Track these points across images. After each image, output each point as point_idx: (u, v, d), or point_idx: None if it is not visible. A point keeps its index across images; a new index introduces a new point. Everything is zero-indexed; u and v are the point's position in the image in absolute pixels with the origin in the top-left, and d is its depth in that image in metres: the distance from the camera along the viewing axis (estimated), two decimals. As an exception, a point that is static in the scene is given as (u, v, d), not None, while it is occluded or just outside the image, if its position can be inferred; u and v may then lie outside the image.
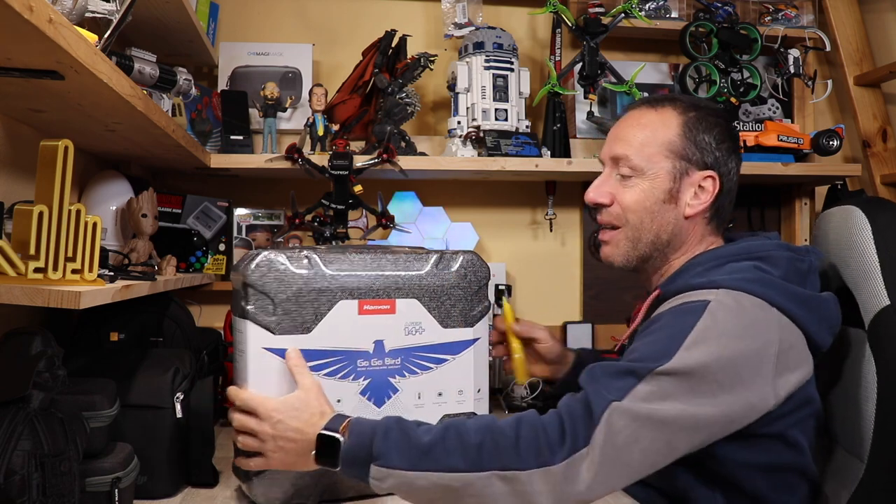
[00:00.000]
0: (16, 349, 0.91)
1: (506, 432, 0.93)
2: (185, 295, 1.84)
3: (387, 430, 0.96)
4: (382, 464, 0.93)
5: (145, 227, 1.43)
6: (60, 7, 0.97)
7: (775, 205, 2.25)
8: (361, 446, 0.95)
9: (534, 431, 0.92)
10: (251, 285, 1.04)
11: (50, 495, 0.86)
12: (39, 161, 0.91)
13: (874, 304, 1.11)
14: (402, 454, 0.93)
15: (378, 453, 0.94)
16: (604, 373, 0.97)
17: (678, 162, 1.16)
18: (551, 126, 1.98)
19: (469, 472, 0.91)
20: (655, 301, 1.14)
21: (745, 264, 1.09)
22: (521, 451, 0.91)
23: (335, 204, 1.81)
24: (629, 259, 1.20)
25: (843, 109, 2.26)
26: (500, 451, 0.91)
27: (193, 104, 1.86)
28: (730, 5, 2.09)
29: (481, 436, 0.93)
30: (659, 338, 1.00)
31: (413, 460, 0.93)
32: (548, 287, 2.14)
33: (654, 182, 1.16)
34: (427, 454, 0.93)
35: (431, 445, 0.93)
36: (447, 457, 0.92)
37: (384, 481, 0.94)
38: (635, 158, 1.16)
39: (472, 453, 0.92)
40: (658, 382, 0.94)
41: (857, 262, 1.15)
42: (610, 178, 1.20)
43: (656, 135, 1.17)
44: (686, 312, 1.01)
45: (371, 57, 1.91)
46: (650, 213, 1.16)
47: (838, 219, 1.22)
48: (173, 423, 1.18)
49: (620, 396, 0.93)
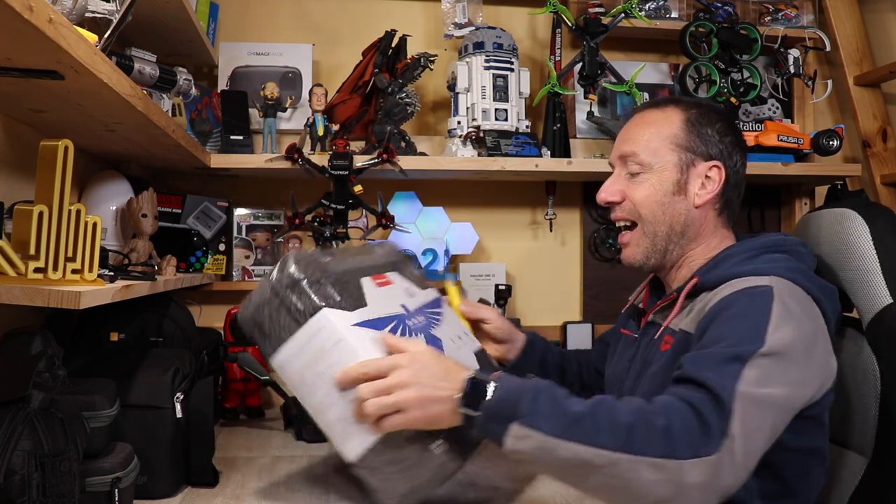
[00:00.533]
0: (16, 349, 0.91)
1: (657, 418, 0.90)
2: (185, 295, 1.84)
3: (536, 391, 0.93)
4: (526, 423, 0.91)
5: (145, 227, 1.44)
6: (60, 7, 0.97)
7: (775, 205, 2.25)
8: (507, 402, 0.93)
9: (683, 421, 0.90)
10: (306, 279, 1.03)
11: (50, 495, 0.86)
12: (39, 161, 0.91)
13: (875, 304, 1.14)
14: (550, 419, 0.91)
15: (524, 412, 0.91)
16: (710, 361, 0.96)
17: (683, 154, 1.21)
18: (551, 126, 1.98)
19: (617, 452, 0.88)
20: (692, 290, 1.16)
21: (780, 255, 1.14)
22: (676, 439, 0.88)
23: (335, 204, 1.81)
24: (649, 256, 1.23)
25: (843, 109, 2.26)
26: (652, 436, 0.88)
27: (193, 104, 1.86)
28: (730, 5, 2.09)
29: (633, 418, 0.90)
30: (742, 323, 1.01)
31: (560, 428, 0.90)
32: (548, 287, 2.14)
33: (662, 175, 1.20)
34: (576, 424, 0.90)
35: (582, 416, 0.90)
36: (596, 432, 0.89)
37: (523, 441, 0.91)
38: (642, 154, 1.21)
39: (622, 434, 0.88)
40: (760, 365, 0.95)
41: (856, 263, 1.17)
42: (619, 178, 1.24)
43: (661, 130, 1.22)
44: (757, 296, 1.04)
45: (371, 57, 1.91)
46: (661, 206, 1.20)
47: (831, 221, 1.24)
48: (173, 423, 1.18)
49: (736, 384, 0.93)
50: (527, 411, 0.91)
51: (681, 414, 0.90)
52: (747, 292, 1.06)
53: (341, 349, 0.99)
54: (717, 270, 1.15)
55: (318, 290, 1.01)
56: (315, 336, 1.00)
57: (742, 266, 1.12)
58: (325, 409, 1.00)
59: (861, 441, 1.15)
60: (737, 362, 0.95)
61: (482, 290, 2.07)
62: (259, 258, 1.99)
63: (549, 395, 0.93)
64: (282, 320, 1.01)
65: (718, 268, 1.15)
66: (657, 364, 1.14)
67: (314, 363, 1.00)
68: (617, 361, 1.32)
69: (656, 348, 1.17)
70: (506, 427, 0.92)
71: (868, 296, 1.16)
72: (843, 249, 1.20)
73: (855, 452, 1.16)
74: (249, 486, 1.22)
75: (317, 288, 1.02)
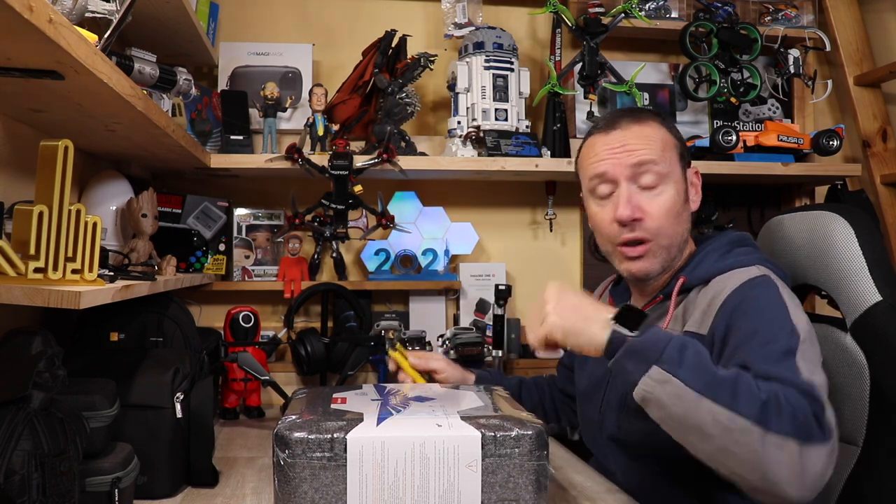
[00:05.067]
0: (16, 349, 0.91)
1: (785, 400, 0.91)
2: (185, 295, 1.84)
3: (683, 343, 0.95)
4: (669, 369, 0.92)
5: (145, 227, 1.43)
6: (60, 7, 0.96)
7: (775, 205, 2.25)
8: (654, 343, 0.94)
9: (802, 408, 0.91)
10: (307, 435, 0.97)
11: (50, 495, 0.86)
12: (39, 161, 0.91)
13: (862, 301, 1.21)
14: (694, 372, 0.92)
15: (668, 358, 0.93)
16: (772, 359, 0.98)
17: (683, 161, 1.23)
18: (551, 126, 1.99)
19: (753, 422, 0.88)
20: (681, 289, 1.19)
21: (748, 248, 1.20)
22: (800, 423, 0.89)
23: (335, 204, 1.81)
24: (665, 266, 1.22)
25: (843, 109, 2.26)
26: (783, 415, 0.89)
27: (193, 104, 1.86)
28: (730, 5, 2.09)
29: (768, 394, 0.90)
30: (767, 314, 1.04)
31: (703, 383, 0.91)
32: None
33: (677, 186, 1.20)
34: (719, 385, 0.91)
35: (724, 380, 0.91)
36: (736, 398, 0.90)
37: (661, 386, 0.92)
38: (661, 163, 1.18)
39: (757, 407, 0.89)
40: (803, 353, 0.99)
41: (841, 263, 1.24)
42: (634, 192, 1.19)
43: (665, 140, 1.21)
44: (762, 285, 1.09)
45: (371, 57, 1.91)
46: (678, 217, 1.20)
47: (812, 224, 1.30)
48: (173, 423, 1.18)
49: (802, 377, 0.95)
50: (670, 358, 0.93)
51: (801, 405, 0.91)
52: (751, 283, 1.10)
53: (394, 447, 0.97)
54: (702, 267, 1.18)
55: (325, 429, 0.98)
56: (362, 462, 0.97)
57: (723, 261, 1.16)
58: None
59: (853, 432, 1.21)
60: (790, 356, 0.98)
61: (482, 290, 2.07)
62: (259, 258, 1.99)
63: (695, 350, 0.95)
64: (326, 478, 0.96)
65: (701, 265, 1.18)
66: None
67: (381, 482, 0.97)
68: (592, 371, 1.32)
69: None
70: (646, 367, 0.93)
71: (854, 294, 1.22)
72: (827, 250, 1.26)
73: (845, 443, 1.22)
74: (249, 486, 1.22)
75: (323, 427, 0.98)
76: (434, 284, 2.03)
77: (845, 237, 1.23)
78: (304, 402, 1.10)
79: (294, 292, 1.91)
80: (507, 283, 1.96)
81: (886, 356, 1.17)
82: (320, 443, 0.95)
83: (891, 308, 1.18)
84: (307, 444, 0.95)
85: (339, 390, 1.18)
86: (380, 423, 0.99)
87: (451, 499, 0.96)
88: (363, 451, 0.96)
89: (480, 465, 0.97)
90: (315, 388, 1.25)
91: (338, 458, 0.95)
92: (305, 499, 0.95)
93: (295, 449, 0.95)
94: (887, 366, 1.17)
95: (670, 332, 0.99)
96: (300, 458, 0.95)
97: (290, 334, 1.87)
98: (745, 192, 2.21)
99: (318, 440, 0.95)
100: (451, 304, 2.10)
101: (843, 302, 1.24)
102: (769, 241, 1.40)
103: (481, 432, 0.97)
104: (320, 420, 0.99)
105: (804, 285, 1.33)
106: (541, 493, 0.98)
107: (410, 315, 2.06)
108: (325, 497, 0.95)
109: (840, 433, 1.20)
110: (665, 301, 1.20)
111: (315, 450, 0.95)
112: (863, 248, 1.22)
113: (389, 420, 1.00)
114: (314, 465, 0.95)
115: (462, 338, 1.89)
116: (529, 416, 1.05)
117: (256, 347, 1.79)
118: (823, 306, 1.43)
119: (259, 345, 1.81)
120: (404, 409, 1.05)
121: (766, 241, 1.41)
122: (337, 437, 0.96)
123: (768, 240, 1.41)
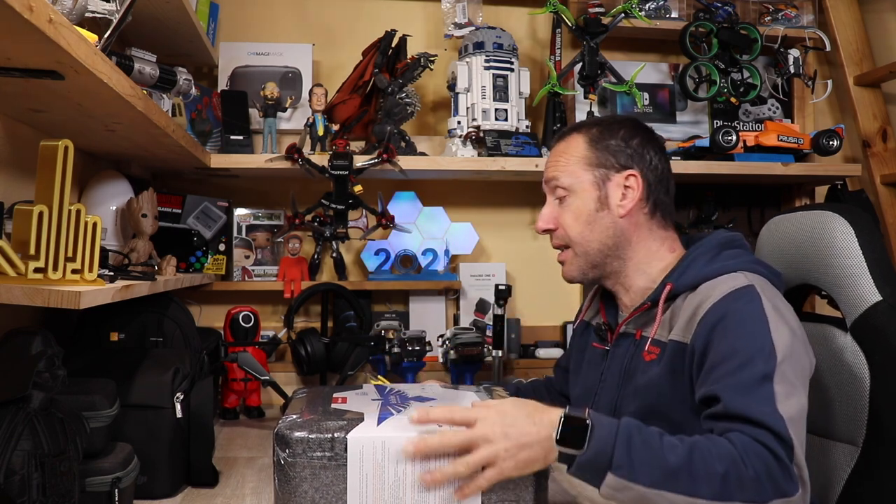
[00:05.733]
0: (16, 349, 0.91)
1: (742, 463, 0.93)
2: (185, 295, 1.84)
3: (629, 437, 0.94)
4: (623, 475, 0.92)
5: (145, 227, 1.44)
6: (60, 7, 0.96)
7: (775, 205, 2.25)
8: (602, 452, 0.93)
9: (766, 466, 0.93)
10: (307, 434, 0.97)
11: (50, 495, 0.86)
12: (39, 161, 0.91)
13: (862, 301, 1.20)
14: (647, 470, 0.92)
15: (618, 464, 0.92)
16: (742, 388, 0.99)
17: (596, 171, 1.23)
18: (551, 126, 1.99)
19: (714, 500, 0.91)
20: (668, 296, 1.18)
21: (737, 251, 1.19)
22: (764, 485, 0.92)
23: (335, 204, 1.81)
24: (585, 272, 1.26)
25: (843, 109, 2.26)
26: (743, 482, 0.91)
27: (193, 104, 1.86)
28: (730, 5, 2.09)
29: (725, 465, 0.92)
30: (746, 331, 1.04)
31: (658, 477, 0.92)
32: (548, 287, 2.14)
33: (583, 195, 1.23)
34: (673, 476, 0.92)
35: (678, 468, 0.92)
36: (693, 482, 0.91)
37: (621, 493, 0.93)
38: (563, 178, 1.24)
39: (717, 483, 0.91)
40: (782, 375, 1.00)
41: (841, 263, 1.23)
42: (551, 205, 1.29)
43: (571, 156, 1.25)
44: (744, 299, 1.08)
45: (371, 57, 1.91)
46: (588, 225, 1.23)
47: (812, 223, 1.30)
48: (173, 423, 1.18)
49: (775, 408, 0.97)
50: (623, 461, 0.92)
51: (763, 458, 0.93)
52: (734, 296, 1.08)
53: (395, 447, 0.96)
54: (689, 273, 1.17)
55: (326, 429, 0.98)
56: (362, 462, 0.96)
57: (711, 265, 1.16)
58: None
59: (853, 432, 1.21)
60: (766, 382, 0.99)
61: (482, 290, 2.07)
62: (259, 258, 1.99)
63: (642, 441, 0.94)
64: (326, 478, 0.96)
65: (688, 271, 1.18)
66: (645, 375, 1.15)
67: (381, 481, 0.97)
68: (585, 377, 1.32)
69: (639, 359, 1.17)
70: (602, 476, 0.93)
71: (854, 294, 1.21)
72: (826, 250, 1.25)
73: (845, 443, 1.22)
74: (249, 486, 1.22)
75: (323, 427, 0.98)
76: (434, 284, 2.03)
77: (845, 237, 1.23)
78: (305, 401, 1.10)
79: (294, 292, 1.91)
80: (507, 283, 1.96)
81: (886, 356, 1.17)
82: (321, 442, 0.95)
83: (891, 308, 1.18)
84: (308, 443, 0.95)
85: (340, 390, 1.18)
86: (380, 422, 0.99)
87: (451, 499, 0.96)
88: (363, 451, 0.96)
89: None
90: (315, 388, 1.25)
91: (338, 458, 0.96)
92: (306, 498, 0.95)
93: (295, 448, 0.95)
94: (887, 365, 1.17)
95: (611, 421, 0.96)
96: (300, 458, 0.95)
97: (290, 334, 1.87)
98: (745, 192, 2.21)
99: (318, 440, 0.95)
100: (451, 304, 2.10)
101: (842, 302, 1.24)
102: (769, 241, 1.40)
103: None
104: (321, 420, 0.99)
105: (804, 285, 1.33)
106: (540, 492, 0.99)
107: (410, 315, 2.06)
108: (326, 496, 0.95)
109: (840, 433, 1.22)
110: (652, 308, 1.20)
111: (315, 449, 0.95)
112: (863, 247, 1.22)
113: (390, 420, 1.00)
114: (314, 465, 0.95)
115: (462, 338, 1.89)
116: None
117: (256, 347, 1.79)
118: (823, 306, 1.43)
119: (259, 345, 1.81)
120: (405, 410, 1.05)
121: (766, 241, 1.41)
122: (337, 437, 0.96)
123: (768, 240, 1.40)
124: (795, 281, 1.32)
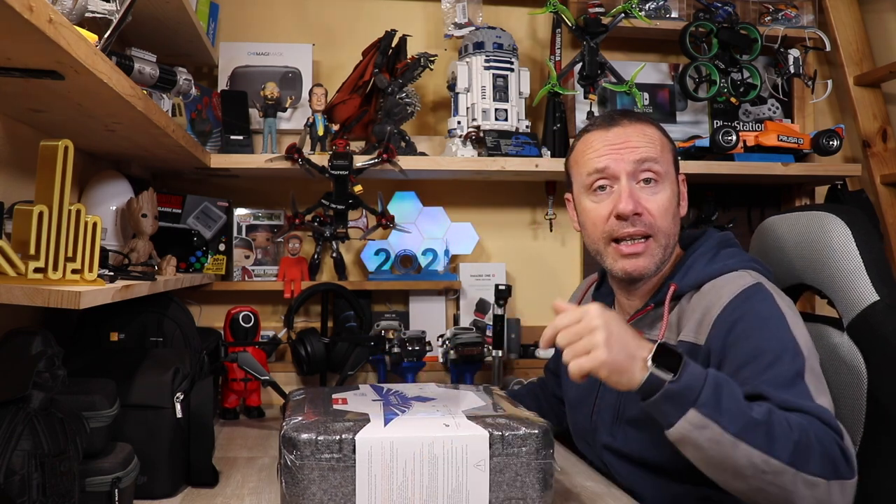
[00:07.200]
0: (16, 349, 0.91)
1: (814, 437, 0.93)
2: (185, 295, 1.84)
3: (718, 383, 0.94)
4: (707, 413, 0.92)
5: (145, 227, 1.44)
6: (60, 7, 0.96)
7: (775, 205, 2.25)
8: (691, 386, 0.93)
9: (830, 441, 0.94)
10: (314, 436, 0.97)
11: (50, 495, 0.86)
12: (39, 161, 0.91)
13: (859, 301, 1.21)
14: (731, 415, 0.92)
15: (705, 401, 0.92)
16: (783, 384, 1.00)
17: (676, 165, 1.25)
18: (551, 126, 1.99)
19: (786, 464, 0.91)
20: (673, 295, 1.19)
21: (733, 250, 1.21)
22: (827, 461, 0.93)
23: (335, 204, 1.81)
24: (659, 267, 1.22)
25: (843, 109, 2.26)
26: (812, 455, 0.92)
27: (193, 104, 1.86)
28: (730, 5, 2.09)
29: (799, 435, 0.93)
30: (768, 331, 1.05)
31: (739, 426, 0.92)
32: (548, 287, 2.14)
33: (672, 186, 1.22)
34: (754, 429, 0.92)
35: (759, 423, 0.92)
36: (770, 442, 0.92)
37: (699, 431, 0.92)
38: (661, 162, 1.20)
39: (790, 448, 0.92)
40: (811, 372, 1.01)
41: (838, 262, 1.24)
42: (633, 188, 1.19)
43: (663, 141, 1.23)
44: (756, 298, 1.09)
45: (371, 57, 1.91)
46: (673, 217, 1.21)
47: (809, 224, 1.31)
48: (173, 423, 1.18)
49: (815, 402, 0.98)
50: (709, 401, 0.92)
51: (829, 438, 0.94)
52: (746, 295, 1.09)
53: (403, 447, 0.97)
54: (692, 274, 1.17)
55: (333, 430, 0.98)
56: (371, 463, 0.96)
57: (712, 265, 1.17)
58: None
59: (850, 431, 1.22)
60: (799, 379, 1.00)
61: (482, 290, 2.07)
62: (259, 258, 1.99)
63: (730, 390, 0.95)
64: (335, 479, 0.96)
65: (691, 272, 1.18)
66: None
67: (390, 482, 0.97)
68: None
69: None
70: (683, 410, 0.92)
71: (851, 294, 1.22)
72: (824, 250, 1.26)
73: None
74: (249, 486, 1.22)
75: (331, 428, 0.98)
76: (434, 284, 2.03)
77: (842, 237, 1.24)
78: (305, 403, 1.10)
79: (294, 292, 1.91)
80: (507, 283, 1.96)
81: (883, 356, 1.18)
82: (329, 444, 0.95)
83: (888, 307, 1.18)
84: (315, 445, 0.95)
85: (337, 391, 1.18)
86: (387, 423, 0.99)
87: (459, 498, 0.96)
88: (372, 452, 0.96)
89: (488, 465, 0.97)
90: (312, 389, 1.25)
91: (346, 459, 0.96)
92: (314, 500, 0.95)
93: (303, 450, 0.95)
94: (884, 365, 1.18)
95: (702, 368, 0.96)
96: (308, 460, 0.95)
97: (290, 334, 1.87)
98: (745, 192, 2.21)
99: (326, 441, 0.95)
100: (451, 304, 2.10)
101: (839, 301, 1.24)
102: (765, 241, 1.40)
103: (489, 431, 0.97)
104: (327, 421, 0.99)
105: (801, 285, 1.33)
106: (547, 491, 0.99)
107: (410, 315, 2.06)
108: (334, 498, 0.95)
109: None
110: (657, 308, 1.19)
111: (323, 451, 0.95)
112: (860, 247, 1.22)
113: (397, 420, 1.00)
114: (323, 467, 0.95)
115: (462, 338, 1.89)
116: (533, 415, 1.05)
117: (256, 347, 1.79)
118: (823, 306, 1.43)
119: (259, 345, 1.81)
120: (408, 410, 1.05)
121: (762, 242, 1.41)
122: (345, 438, 0.96)
123: (764, 240, 1.41)
124: (791, 281, 1.33)
